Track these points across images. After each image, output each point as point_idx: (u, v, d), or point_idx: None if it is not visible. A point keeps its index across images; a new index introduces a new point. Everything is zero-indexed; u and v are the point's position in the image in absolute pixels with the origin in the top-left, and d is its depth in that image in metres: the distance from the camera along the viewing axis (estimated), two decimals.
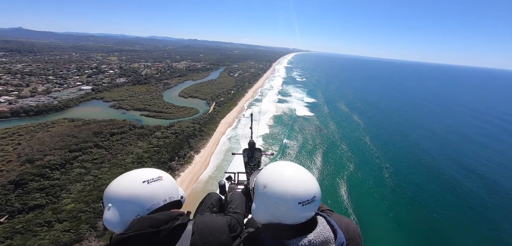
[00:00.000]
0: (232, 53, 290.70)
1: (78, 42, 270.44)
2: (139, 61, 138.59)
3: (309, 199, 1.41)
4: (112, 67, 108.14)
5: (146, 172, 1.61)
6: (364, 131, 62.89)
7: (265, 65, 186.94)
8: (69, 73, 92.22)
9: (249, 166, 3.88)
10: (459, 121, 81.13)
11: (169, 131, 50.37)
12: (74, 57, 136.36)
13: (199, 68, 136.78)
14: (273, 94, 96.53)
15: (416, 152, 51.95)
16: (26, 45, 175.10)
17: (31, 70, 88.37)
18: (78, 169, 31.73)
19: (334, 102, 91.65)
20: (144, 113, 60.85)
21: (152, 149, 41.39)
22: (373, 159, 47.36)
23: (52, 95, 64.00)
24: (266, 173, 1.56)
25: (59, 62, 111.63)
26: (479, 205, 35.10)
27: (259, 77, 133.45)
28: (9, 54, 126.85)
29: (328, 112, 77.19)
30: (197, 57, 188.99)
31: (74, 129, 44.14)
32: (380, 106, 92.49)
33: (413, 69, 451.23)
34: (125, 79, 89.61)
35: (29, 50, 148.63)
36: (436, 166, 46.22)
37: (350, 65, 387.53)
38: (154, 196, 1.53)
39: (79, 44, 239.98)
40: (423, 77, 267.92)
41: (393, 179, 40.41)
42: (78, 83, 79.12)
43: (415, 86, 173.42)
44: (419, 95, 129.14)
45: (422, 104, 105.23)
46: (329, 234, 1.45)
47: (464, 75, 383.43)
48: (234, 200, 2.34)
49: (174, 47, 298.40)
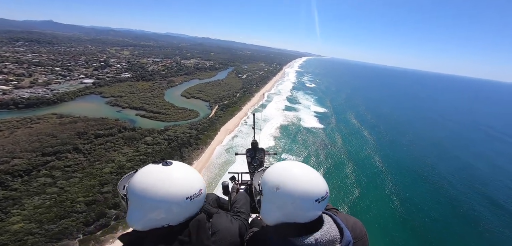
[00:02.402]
0: (243, 53, 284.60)
1: (98, 36, 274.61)
2: (149, 56, 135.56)
3: (323, 196, 1.43)
4: (120, 62, 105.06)
5: (189, 183, 1.49)
6: (374, 149, 54.89)
7: (275, 68, 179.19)
8: (77, 65, 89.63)
9: (252, 166, 3.72)
10: (478, 140, 71.20)
11: (162, 136, 44.82)
12: (89, 50, 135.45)
13: (207, 67, 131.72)
14: (281, 100, 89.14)
15: (432, 177, 44.03)
16: (47, 36, 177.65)
17: (40, 61, 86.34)
18: (43, 177, 26.51)
19: (343, 113, 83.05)
20: (140, 113, 55.79)
21: (137, 158, 35.80)
22: (382, 183, 40.26)
23: (51, 87, 60.47)
24: (276, 174, 1.53)
25: (70, 54, 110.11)
26: None
27: (268, 80, 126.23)
28: (28, 45, 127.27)
29: (336, 125, 69.05)
30: (207, 56, 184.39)
31: (58, 127, 39.45)
32: (392, 120, 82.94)
33: (429, 79, 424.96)
34: (130, 75, 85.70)
35: (48, 42, 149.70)
36: (457, 198, 38.17)
37: (363, 72, 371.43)
38: (190, 212, 1.48)
39: (98, 38, 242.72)
40: (439, 89, 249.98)
41: (404, 209, 33.21)
42: (82, 76, 75.81)
43: (431, 98, 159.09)
44: (434, 108, 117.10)
45: (437, 119, 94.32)
46: (335, 233, 1.43)
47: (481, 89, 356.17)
48: (239, 200, 2.29)
49: (187, 45, 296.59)
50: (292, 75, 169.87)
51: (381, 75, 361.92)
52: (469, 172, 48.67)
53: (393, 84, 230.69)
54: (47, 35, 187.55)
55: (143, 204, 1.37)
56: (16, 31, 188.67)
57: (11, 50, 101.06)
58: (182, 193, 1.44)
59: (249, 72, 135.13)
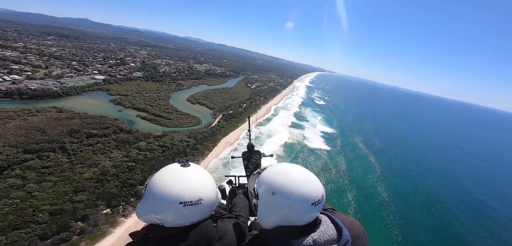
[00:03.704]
0: (255, 63, 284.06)
1: (123, 35, 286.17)
2: (164, 58, 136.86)
3: (319, 199, 1.40)
4: (135, 61, 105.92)
5: (188, 189, 1.45)
6: (379, 176, 49.54)
7: (285, 81, 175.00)
8: (94, 61, 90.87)
9: (249, 169, 3.62)
10: (504, 182, 61.81)
11: (158, 142, 41.65)
12: (111, 47, 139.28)
13: (218, 73, 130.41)
14: (288, 115, 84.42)
15: (442, 214, 39.06)
16: (77, 33, 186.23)
17: (61, 54, 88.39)
18: (14, 178, 23.73)
19: (350, 135, 76.80)
20: (141, 114, 53.53)
21: (125, 164, 32.59)
22: (386, 216, 35.97)
23: (62, 80, 60.20)
24: (271, 177, 1.49)
25: (91, 50, 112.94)
26: None
27: (277, 93, 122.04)
28: (57, 39, 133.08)
29: (341, 148, 63.30)
30: (220, 62, 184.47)
31: (52, 122, 37.46)
32: (403, 147, 75.57)
33: (449, 107, 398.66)
34: (141, 74, 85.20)
35: (75, 37, 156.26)
36: (469, 242, 32.94)
37: (374, 92, 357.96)
38: (183, 219, 1.43)
39: (123, 37, 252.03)
40: (459, 118, 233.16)
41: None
42: (95, 72, 75.98)
43: (450, 127, 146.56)
44: (453, 139, 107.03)
45: (455, 151, 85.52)
46: (333, 232, 1.40)
47: (504, 121, 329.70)
48: (237, 203, 2.26)
49: (202, 49, 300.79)
50: (302, 90, 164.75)
51: (394, 97, 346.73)
52: (484, 213, 42.19)
53: (407, 108, 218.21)
54: (77, 32, 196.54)
55: (147, 195, 1.43)
56: (52, 26, 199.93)
57: (39, 43, 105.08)
58: (177, 196, 1.39)
59: (259, 82, 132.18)
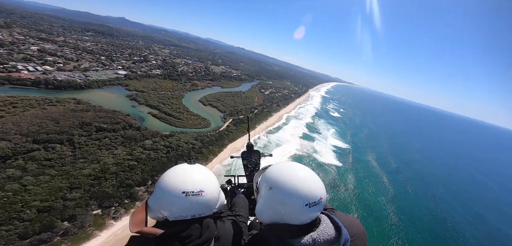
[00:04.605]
0: (271, 68, 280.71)
1: (152, 34, 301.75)
2: (184, 57, 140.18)
3: (316, 201, 1.37)
4: (157, 58, 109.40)
5: (191, 179, 1.51)
6: (391, 199, 45.19)
7: (300, 89, 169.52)
8: (120, 57, 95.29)
9: (248, 168, 3.57)
10: None
11: (164, 142, 40.80)
12: (138, 45, 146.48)
13: (233, 76, 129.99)
14: (300, 125, 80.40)
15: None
16: (111, 30, 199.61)
17: (93, 49, 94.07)
18: (14, 169, 23.71)
19: (363, 152, 71.07)
20: (153, 111, 53.65)
21: (126, 163, 31.87)
22: (395, 242, 32.75)
23: (87, 73, 63.12)
24: (272, 174, 1.50)
25: (120, 46, 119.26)
26: None
27: (290, 101, 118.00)
28: (94, 35, 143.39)
29: (352, 164, 58.62)
30: (237, 65, 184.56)
31: (68, 113, 38.35)
32: (420, 169, 68.57)
33: (481, 129, 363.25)
34: (160, 72, 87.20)
35: (109, 34, 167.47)
36: None
37: (394, 107, 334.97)
38: (185, 210, 1.46)
39: (151, 35, 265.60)
40: (491, 142, 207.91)
41: None
42: (119, 67, 79.17)
43: (479, 153, 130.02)
44: (481, 167, 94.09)
45: (480, 179, 75.58)
46: (332, 232, 1.39)
47: None
48: (237, 203, 2.29)
49: (221, 51, 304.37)
50: (316, 100, 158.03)
51: (415, 114, 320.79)
52: None
53: (429, 127, 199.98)
54: (113, 29, 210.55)
55: (155, 189, 1.48)
56: (93, 23, 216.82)
57: (77, 38, 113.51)
58: (180, 187, 1.44)
59: (272, 89, 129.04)
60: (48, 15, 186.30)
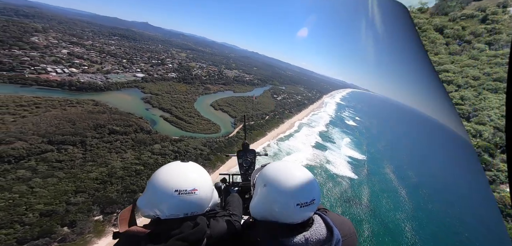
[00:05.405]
0: (284, 73, 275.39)
1: (171, 38, 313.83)
2: (199, 61, 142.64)
3: (308, 202, 1.37)
4: (173, 62, 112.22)
5: (184, 177, 1.48)
6: (409, 216, 40.26)
7: (314, 96, 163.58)
8: (140, 60, 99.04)
9: (243, 167, 3.48)
10: None
11: (173, 147, 40.24)
12: (158, 48, 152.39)
13: (246, 81, 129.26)
14: (313, 134, 76.72)
15: None
16: (135, 34, 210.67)
17: (116, 52, 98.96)
18: (25, 170, 24.09)
19: (379, 164, 65.10)
20: (165, 115, 53.94)
21: (133, 167, 31.52)
22: None
23: (108, 76, 65.81)
24: (268, 171, 1.52)
25: (141, 50, 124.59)
26: None
27: (303, 107, 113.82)
28: (119, 39, 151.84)
29: (366, 176, 53.85)
30: (250, 69, 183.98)
31: (85, 114, 39.39)
32: (443, 184, 60.70)
33: None
34: (175, 75, 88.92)
35: (132, 38, 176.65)
36: None
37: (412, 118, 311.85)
38: (178, 209, 1.43)
39: (170, 39, 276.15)
40: None
41: None
42: (138, 70, 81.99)
43: None
44: None
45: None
46: (324, 231, 1.41)
47: None
48: (231, 202, 2.27)
49: (235, 56, 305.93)
50: (331, 107, 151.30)
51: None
52: None
53: None
54: (135, 34, 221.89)
55: (147, 187, 1.47)
56: (119, 28, 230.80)
57: (104, 42, 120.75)
58: (172, 185, 1.42)
59: (285, 94, 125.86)
60: (80, 20, 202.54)
